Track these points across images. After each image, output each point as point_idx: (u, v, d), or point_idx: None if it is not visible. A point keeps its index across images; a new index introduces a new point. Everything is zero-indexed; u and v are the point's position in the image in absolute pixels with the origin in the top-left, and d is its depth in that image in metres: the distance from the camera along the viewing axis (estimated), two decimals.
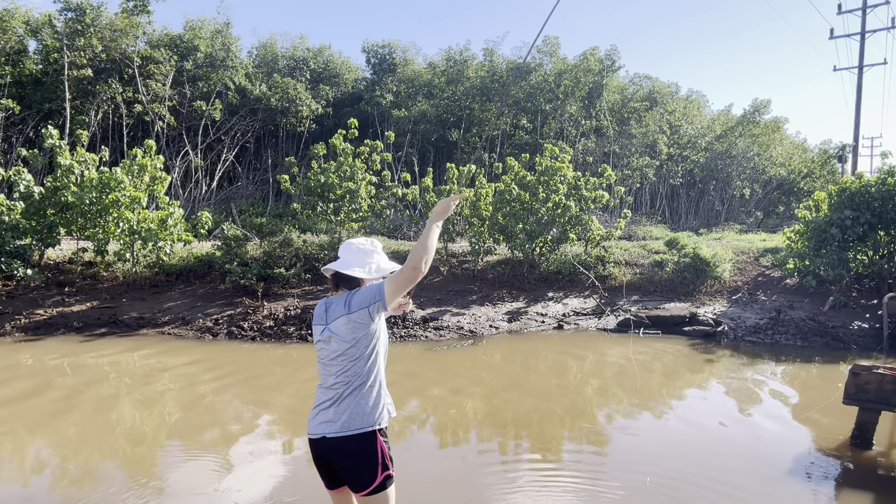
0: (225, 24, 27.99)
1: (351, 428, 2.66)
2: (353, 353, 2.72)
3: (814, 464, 5.21)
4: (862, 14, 24.96)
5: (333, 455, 2.70)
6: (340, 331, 2.71)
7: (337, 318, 2.73)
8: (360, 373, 2.72)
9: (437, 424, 6.23)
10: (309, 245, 13.69)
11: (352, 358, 2.71)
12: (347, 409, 2.68)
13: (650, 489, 4.57)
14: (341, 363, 2.72)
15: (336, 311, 2.76)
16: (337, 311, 2.75)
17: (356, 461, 2.67)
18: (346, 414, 2.67)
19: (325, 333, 2.77)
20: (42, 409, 6.55)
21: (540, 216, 13.84)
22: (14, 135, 23.74)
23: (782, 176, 32.69)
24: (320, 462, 2.78)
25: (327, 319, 2.78)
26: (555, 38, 31.55)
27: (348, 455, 2.67)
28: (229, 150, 28.24)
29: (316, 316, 2.87)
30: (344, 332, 2.71)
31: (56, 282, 12.19)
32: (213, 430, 5.96)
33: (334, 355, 2.74)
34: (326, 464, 2.76)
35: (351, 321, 2.69)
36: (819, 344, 10.52)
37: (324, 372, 2.81)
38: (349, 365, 2.71)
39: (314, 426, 2.75)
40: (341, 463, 2.69)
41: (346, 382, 2.71)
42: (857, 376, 5.48)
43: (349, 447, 2.66)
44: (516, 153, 23.48)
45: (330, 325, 2.76)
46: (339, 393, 2.70)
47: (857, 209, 11.80)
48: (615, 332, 11.37)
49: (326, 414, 2.71)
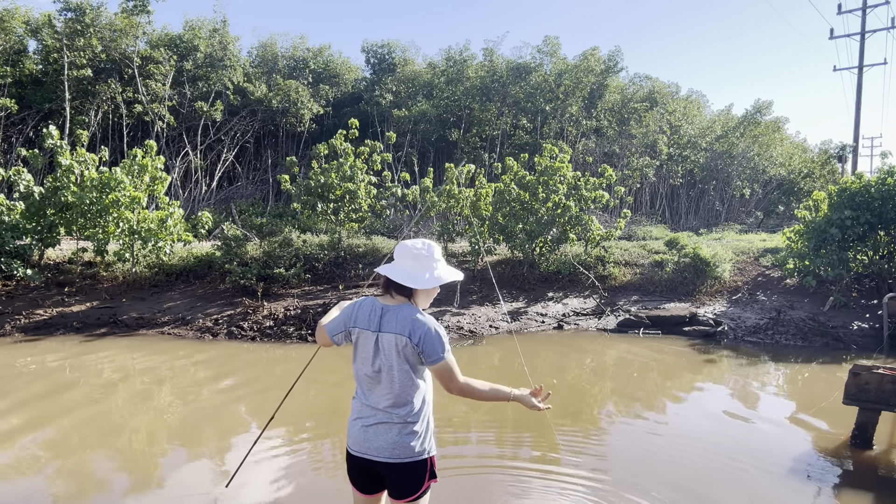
0: (222, 22, 27.99)
1: (403, 456, 2.53)
2: (408, 372, 2.55)
3: (814, 464, 5.21)
4: (862, 14, 24.96)
5: (381, 471, 2.60)
6: (394, 348, 2.53)
7: (393, 333, 2.52)
8: (414, 394, 2.56)
9: (436, 424, 6.22)
10: (309, 245, 13.69)
11: (406, 377, 2.54)
12: (395, 436, 2.53)
13: (650, 489, 4.57)
14: (391, 383, 2.54)
15: (392, 325, 2.53)
16: (392, 325, 2.53)
17: (406, 479, 2.58)
18: (394, 440, 2.53)
19: (375, 342, 2.57)
20: (41, 409, 6.55)
21: (540, 216, 13.84)
22: (14, 135, 23.74)
23: (782, 176, 32.67)
24: (361, 472, 2.65)
25: (381, 327, 2.56)
26: (555, 38, 31.56)
27: (397, 476, 2.58)
28: (229, 151, 28.23)
29: (361, 316, 2.62)
30: (392, 351, 2.53)
31: (56, 282, 12.18)
32: (213, 431, 5.95)
33: (388, 374, 2.55)
34: (369, 474, 2.64)
35: (403, 349, 2.52)
36: (819, 344, 10.52)
37: (366, 385, 2.63)
38: (399, 386, 2.54)
39: (358, 443, 2.61)
40: (390, 479, 2.60)
41: (392, 404, 2.55)
42: (857, 376, 5.48)
43: (400, 471, 2.56)
44: (516, 153, 23.46)
45: (382, 334, 2.55)
46: (384, 416, 2.55)
47: (856, 209, 11.79)
48: (615, 332, 11.36)
49: (373, 434, 2.56)
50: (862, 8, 25.00)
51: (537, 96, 30.39)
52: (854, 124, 25.23)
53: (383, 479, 2.63)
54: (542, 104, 30.55)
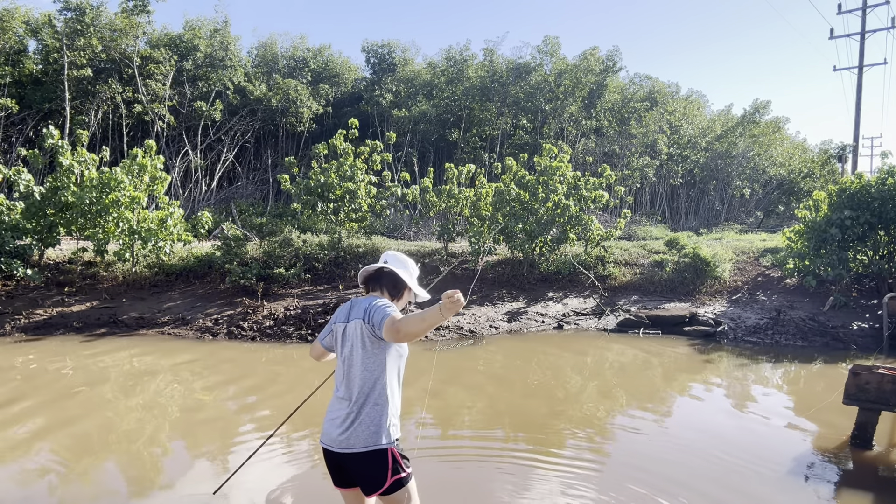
0: (223, 22, 28.01)
1: (357, 446, 2.61)
2: (370, 362, 2.66)
3: (814, 464, 5.21)
4: (862, 14, 24.96)
5: (344, 464, 2.69)
6: (356, 334, 2.67)
7: (354, 319, 2.70)
8: (376, 385, 2.65)
9: (436, 424, 6.22)
10: (309, 245, 13.69)
11: (368, 368, 2.65)
12: (358, 428, 2.62)
13: (650, 489, 4.57)
14: (356, 373, 2.66)
15: (356, 312, 2.72)
16: (356, 312, 2.72)
17: (365, 471, 2.65)
18: (357, 432, 2.62)
19: (343, 333, 2.74)
20: (41, 409, 6.54)
21: (539, 216, 13.84)
22: (14, 135, 23.75)
23: (782, 176, 32.66)
24: (333, 467, 2.76)
25: (349, 317, 2.75)
26: (555, 37, 31.55)
27: (357, 467, 2.66)
28: (229, 150, 28.24)
29: (340, 314, 2.83)
30: (358, 337, 2.67)
31: (56, 282, 12.18)
32: (213, 431, 5.95)
33: (349, 361, 2.69)
34: (339, 469, 2.74)
35: (364, 329, 2.65)
36: (819, 344, 10.52)
37: (340, 376, 2.75)
38: (362, 376, 2.65)
39: (326, 436, 2.72)
40: (352, 471, 2.69)
41: (358, 396, 2.65)
42: (857, 376, 5.48)
43: (358, 462, 2.64)
44: (516, 153, 23.45)
45: (348, 324, 2.73)
46: (350, 406, 2.65)
47: (856, 209, 11.80)
48: (615, 332, 11.36)
49: (336, 426, 2.66)
50: (862, 8, 25.00)
51: (537, 96, 30.40)
52: (854, 124, 25.22)
53: (347, 474, 2.71)
54: (542, 104, 30.55)
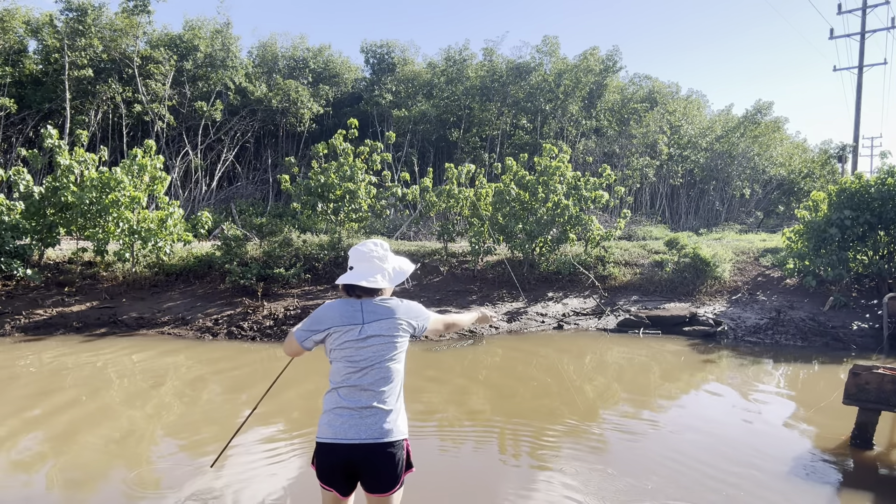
0: (225, 24, 28.03)
1: (386, 437, 2.64)
2: (395, 358, 2.72)
3: (814, 464, 5.21)
4: (862, 14, 24.97)
5: (361, 460, 2.64)
6: (384, 332, 2.69)
7: (379, 319, 2.70)
8: (398, 379, 2.74)
9: (435, 424, 6.22)
10: (309, 245, 13.68)
11: (393, 363, 2.72)
12: (386, 417, 2.66)
13: (650, 489, 4.57)
14: (379, 369, 2.69)
15: (376, 312, 2.71)
16: (378, 312, 2.71)
17: (389, 466, 2.65)
18: (385, 421, 2.66)
19: (362, 333, 2.68)
20: (41, 409, 6.54)
21: (539, 216, 13.84)
22: (14, 135, 23.75)
23: (782, 176, 32.65)
24: (341, 466, 2.67)
25: (363, 319, 2.70)
26: (554, 37, 31.54)
27: (379, 459, 2.65)
28: (229, 150, 28.24)
29: (339, 316, 2.72)
30: (387, 335, 2.70)
31: (56, 282, 12.18)
32: (213, 431, 5.95)
33: (372, 360, 2.68)
34: (348, 468, 2.68)
35: (399, 326, 2.72)
36: (819, 344, 10.52)
37: (351, 375, 2.70)
38: (387, 371, 2.69)
39: (340, 430, 2.65)
40: (371, 464, 2.65)
41: (381, 389, 2.68)
42: (857, 376, 5.48)
43: (383, 454, 2.64)
44: (516, 153, 23.46)
45: (367, 326, 2.69)
46: (374, 399, 2.66)
47: (856, 209, 11.79)
48: (615, 332, 11.36)
49: (359, 419, 2.65)
50: (862, 8, 25.01)
51: (537, 96, 30.39)
52: (854, 124, 25.26)
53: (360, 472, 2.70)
54: (542, 104, 30.55)
